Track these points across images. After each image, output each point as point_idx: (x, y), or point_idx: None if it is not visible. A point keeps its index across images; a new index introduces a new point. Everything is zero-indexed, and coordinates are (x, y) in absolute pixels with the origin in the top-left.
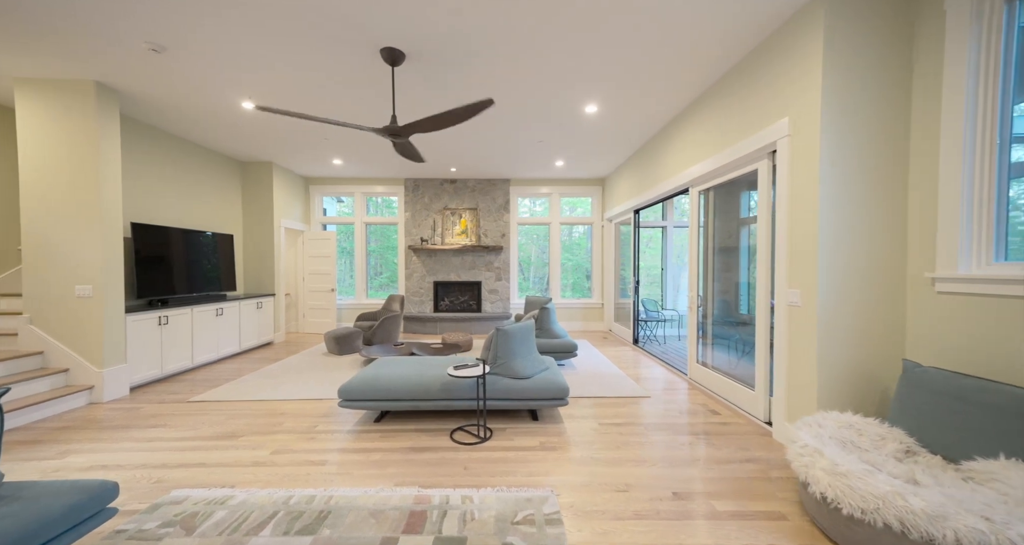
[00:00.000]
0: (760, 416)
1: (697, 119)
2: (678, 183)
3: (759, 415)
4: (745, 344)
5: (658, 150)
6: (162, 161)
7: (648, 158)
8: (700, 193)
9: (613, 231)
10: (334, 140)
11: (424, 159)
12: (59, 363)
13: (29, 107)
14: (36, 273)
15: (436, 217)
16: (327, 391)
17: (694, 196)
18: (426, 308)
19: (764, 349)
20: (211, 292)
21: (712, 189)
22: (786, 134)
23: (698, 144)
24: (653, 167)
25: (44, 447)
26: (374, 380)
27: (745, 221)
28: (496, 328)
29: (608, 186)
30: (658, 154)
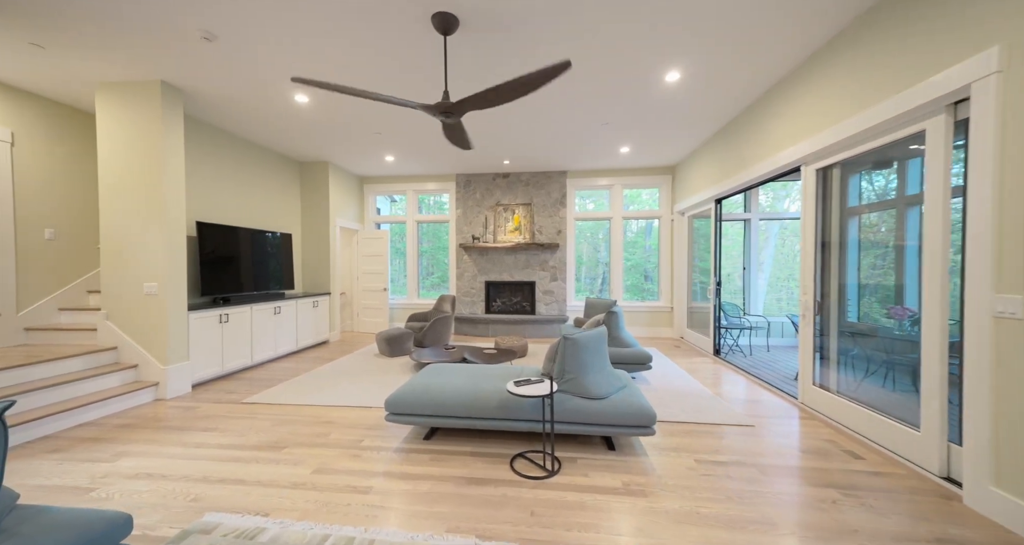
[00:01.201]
0: (934, 469)
1: (814, 80)
2: (783, 162)
3: (932, 467)
4: (894, 366)
5: (752, 125)
6: (225, 161)
7: (737, 136)
8: (818, 172)
9: (686, 225)
10: (386, 134)
11: (472, 146)
12: (130, 359)
13: (107, 110)
14: (111, 271)
15: (488, 214)
16: (376, 398)
17: (808, 177)
18: (477, 309)
19: (939, 376)
20: (271, 291)
21: (837, 166)
22: (993, 70)
23: (815, 112)
24: (744, 146)
25: (102, 447)
26: (423, 392)
27: (882, 204)
28: (563, 336)
29: (680, 174)
30: (751, 130)
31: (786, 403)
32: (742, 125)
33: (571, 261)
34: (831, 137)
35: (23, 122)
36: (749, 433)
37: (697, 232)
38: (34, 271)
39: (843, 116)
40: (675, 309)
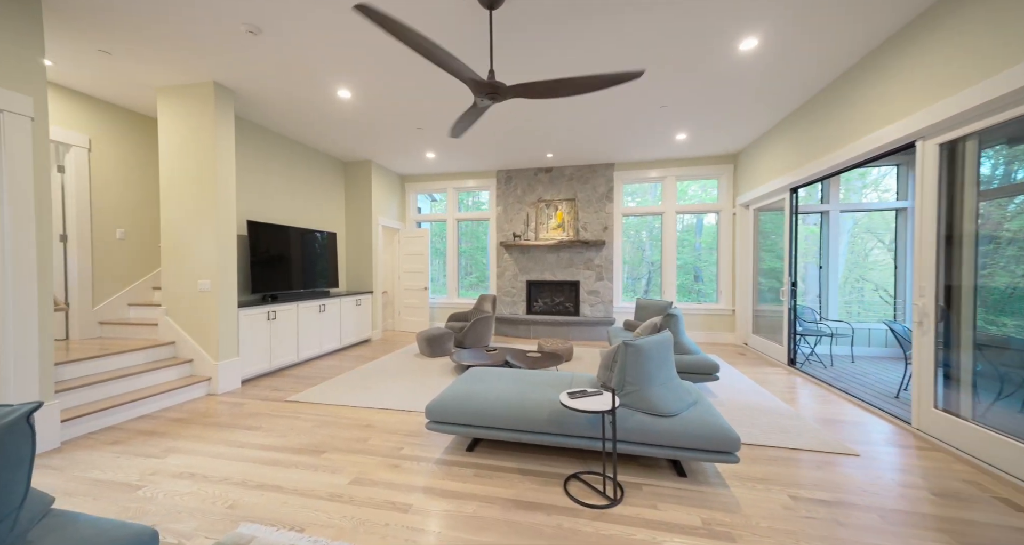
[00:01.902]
0: None
1: (938, 35)
2: (889, 139)
3: None
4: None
5: (842, 100)
6: (275, 162)
7: (821, 114)
8: (941, 148)
9: (750, 219)
10: (427, 129)
11: (460, 135)
12: (186, 354)
13: (167, 113)
14: (170, 268)
15: (529, 210)
16: (416, 401)
17: (928, 154)
18: (518, 309)
19: None
20: (316, 289)
21: (972, 137)
22: None
23: (937, 76)
24: (831, 125)
25: (156, 441)
26: (465, 400)
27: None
28: (624, 343)
29: (744, 163)
30: (841, 105)
31: (894, 428)
32: (828, 100)
33: (618, 259)
34: (965, 102)
35: (99, 129)
36: (855, 464)
37: (763, 227)
38: (107, 268)
39: (979, 77)
40: (737, 312)
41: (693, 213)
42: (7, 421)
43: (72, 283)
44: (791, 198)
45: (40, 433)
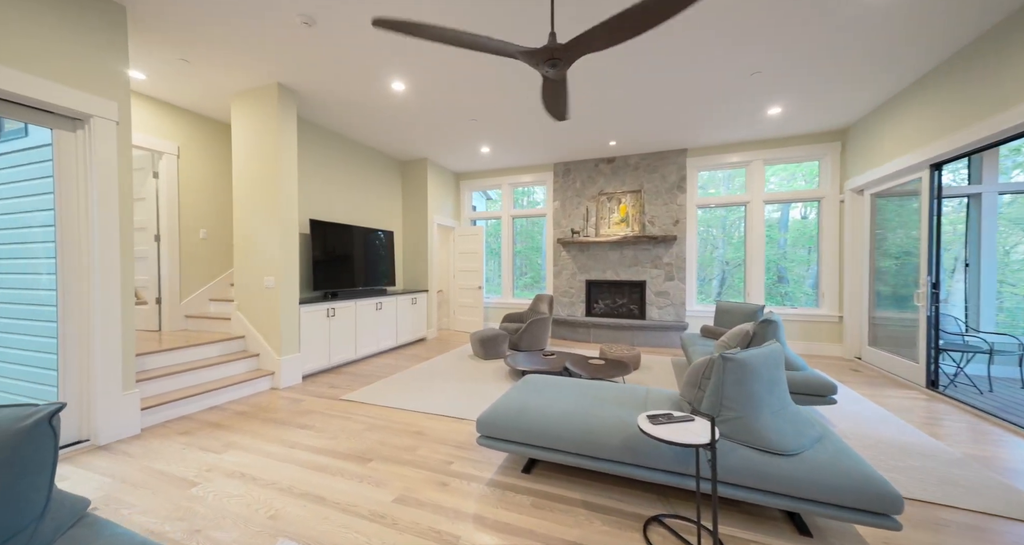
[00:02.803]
0: None
1: None
2: None
3: None
4: None
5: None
6: (336, 162)
7: (980, 66)
8: None
9: (866, 207)
10: (481, 121)
11: (568, 115)
12: (253, 348)
13: (239, 118)
14: (241, 266)
15: (589, 204)
16: (468, 408)
17: None
18: (577, 311)
19: None
20: (375, 287)
21: None
22: None
23: None
24: (995, 79)
25: (219, 434)
26: (521, 413)
27: None
28: (722, 356)
29: (856, 139)
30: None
31: None
32: (991, 49)
33: (692, 257)
34: None
35: (186, 137)
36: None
37: (883, 215)
38: (192, 266)
39: None
40: (847, 320)
41: (786, 202)
42: (28, 423)
43: (164, 279)
44: (932, 177)
45: (121, 419)
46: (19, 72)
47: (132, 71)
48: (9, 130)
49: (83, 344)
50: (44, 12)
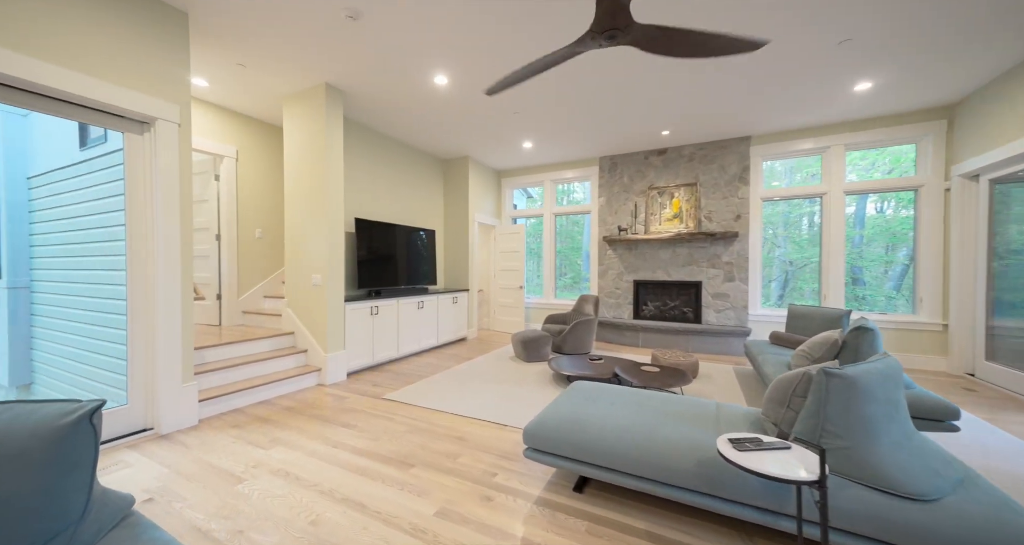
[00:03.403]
0: None
1: None
2: None
3: None
4: None
5: None
6: (380, 161)
7: None
8: None
9: (982, 195)
10: (524, 114)
11: (499, 90)
12: (302, 344)
13: (290, 120)
14: (291, 263)
15: (638, 200)
16: (511, 413)
17: None
18: (623, 313)
19: None
20: (416, 286)
21: None
22: None
23: None
24: None
25: (267, 429)
26: (574, 426)
27: None
28: (824, 371)
29: (969, 115)
30: None
31: None
32: None
33: (756, 255)
34: None
35: (243, 140)
36: None
37: (1004, 205)
38: (248, 264)
39: None
40: (953, 328)
41: (874, 192)
42: (68, 421)
43: (223, 276)
44: None
45: (180, 410)
46: (96, 80)
47: (196, 79)
48: (93, 137)
49: (148, 338)
50: (115, 23)
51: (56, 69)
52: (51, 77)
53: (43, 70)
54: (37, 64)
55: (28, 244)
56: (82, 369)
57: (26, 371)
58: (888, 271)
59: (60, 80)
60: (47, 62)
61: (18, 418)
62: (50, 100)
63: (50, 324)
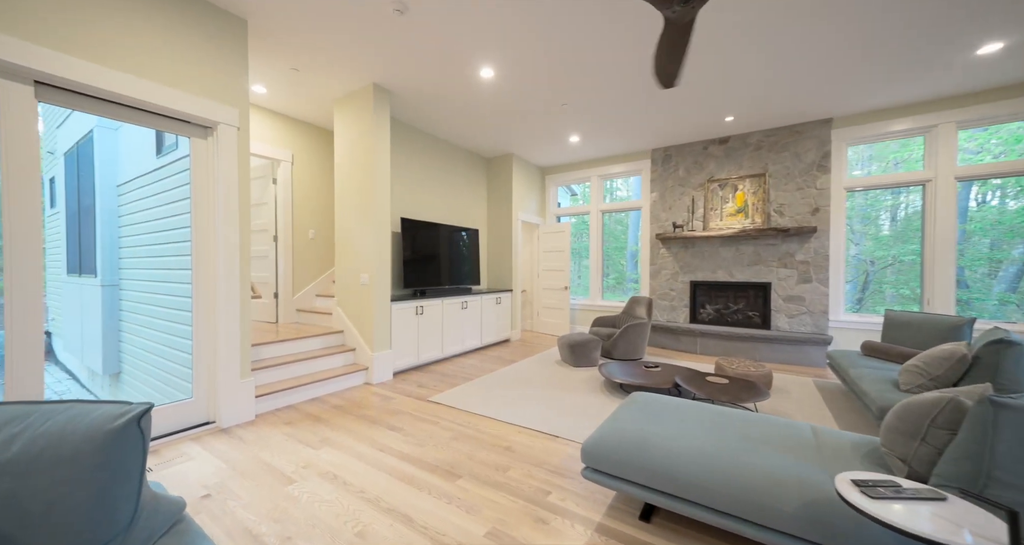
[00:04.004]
0: None
1: None
2: None
3: None
4: None
5: None
6: (425, 161)
7: None
8: None
9: None
10: (573, 105)
11: (678, 80)
12: (350, 343)
13: (340, 122)
14: (341, 263)
15: (695, 194)
16: (562, 422)
17: None
18: (678, 316)
19: None
20: (460, 285)
21: None
22: None
23: None
24: None
25: (317, 428)
26: (639, 446)
27: None
28: (991, 400)
29: None
30: None
31: None
32: None
33: (838, 253)
34: None
35: (298, 144)
36: None
37: None
38: (302, 263)
39: None
40: None
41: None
42: (118, 424)
43: (280, 276)
44: None
45: (238, 405)
46: (166, 87)
47: (256, 86)
48: (167, 145)
49: (210, 335)
50: (182, 33)
51: (131, 78)
52: (127, 86)
53: (119, 79)
54: (114, 75)
55: (117, 246)
56: (159, 362)
57: (116, 361)
58: (999, 271)
59: (134, 89)
60: (123, 72)
61: (75, 419)
62: (126, 108)
63: (135, 319)
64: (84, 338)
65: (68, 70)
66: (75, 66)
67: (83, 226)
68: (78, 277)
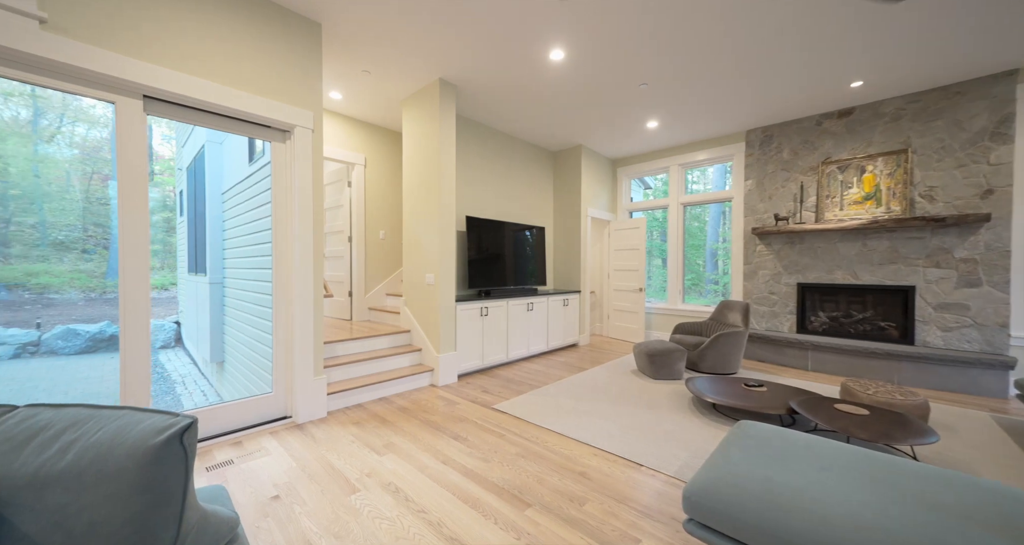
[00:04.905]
0: None
1: None
2: None
3: None
4: None
5: None
6: (489, 157)
7: None
8: None
9: None
10: (654, 85)
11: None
12: (417, 343)
13: (408, 122)
14: (408, 262)
15: (804, 180)
16: (647, 448)
17: None
18: (780, 324)
19: None
20: (526, 286)
21: None
22: None
23: None
24: None
25: (382, 431)
26: (770, 506)
27: None
28: None
29: None
30: None
31: None
32: None
33: (1021, 248)
34: None
35: (370, 147)
36: None
37: None
38: (374, 263)
39: None
40: None
41: None
42: (158, 441)
43: (354, 275)
44: None
45: (312, 402)
46: (247, 93)
47: (332, 92)
48: (257, 152)
49: (287, 333)
50: (259, 39)
51: (219, 87)
52: (217, 95)
53: (211, 89)
54: (207, 84)
55: (222, 247)
56: (251, 355)
57: (220, 351)
58: None
59: (222, 96)
60: (213, 81)
61: (123, 430)
62: (215, 116)
63: (234, 314)
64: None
65: (170, 83)
66: (175, 79)
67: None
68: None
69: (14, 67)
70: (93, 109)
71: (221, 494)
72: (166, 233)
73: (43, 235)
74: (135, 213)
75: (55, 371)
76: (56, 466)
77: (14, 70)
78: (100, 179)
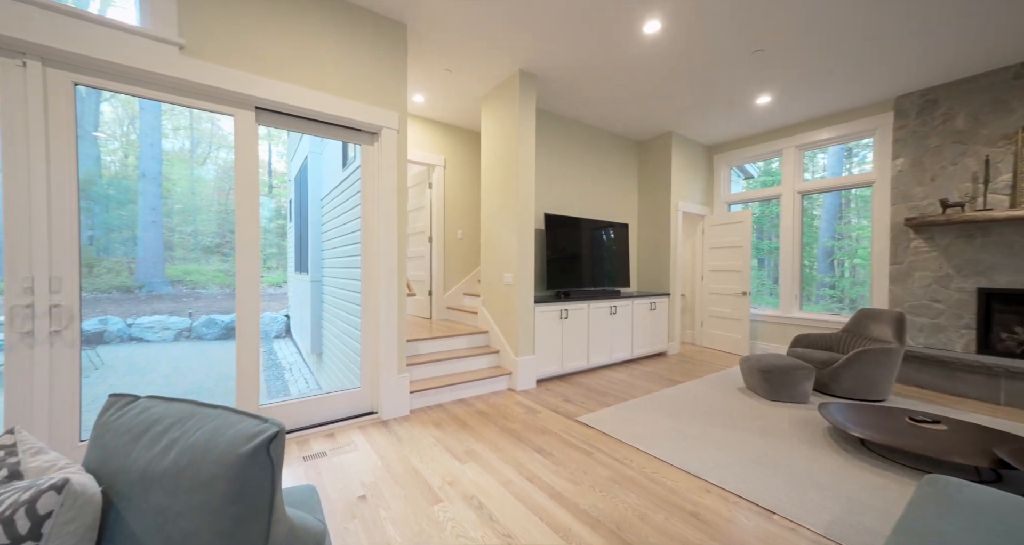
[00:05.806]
0: None
1: None
2: None
3: None
4: None
5: None
6: (568, 150)
7: None
8: None
9: None
10: (771, 50)
11: None
12: (495, 344)
13: (486, 120)
14: (486, 261)
15: (990, 153)
16: (777, 489)
17: None
18: (951, 340)
19: None
20: (607, 288)
21: None
22: None
23: None
24: None
25: (462, 435)
26: None
27: None
28: None
29: None
30: None
31: None
32: None
33: None
34: None
35: (449, 148)
36: None
37: None
38: (452, 263)
39: None
40: None
41: None
42: (246, 450)
43: (434, 274)
44: None
45: (395, 400)
46: (341, 98)
47: (415, 95)
48: (350, 158)
49: (374, 329)
50: (349, 43)
51: (312, 93)
52: (310, 100)
53: (309, 96)
54: (306, 92)
55: (321, 249)
56: (344, 350)
57: (320, 343)
58: None
59: (315, 102)
60: (311, 89)
61: (217, 432)
62: (308, 121)
63: (331, 311)
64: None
65: (277, 93)
66: (280, 89)
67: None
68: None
69: (159, 89)
70: (230, 137)
71: (312, 497)
72: (280, 238)
73: (196, 241)
74: (248, 211)
75: (201, 353)
76: (160, 464)
77: (158, 91)
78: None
